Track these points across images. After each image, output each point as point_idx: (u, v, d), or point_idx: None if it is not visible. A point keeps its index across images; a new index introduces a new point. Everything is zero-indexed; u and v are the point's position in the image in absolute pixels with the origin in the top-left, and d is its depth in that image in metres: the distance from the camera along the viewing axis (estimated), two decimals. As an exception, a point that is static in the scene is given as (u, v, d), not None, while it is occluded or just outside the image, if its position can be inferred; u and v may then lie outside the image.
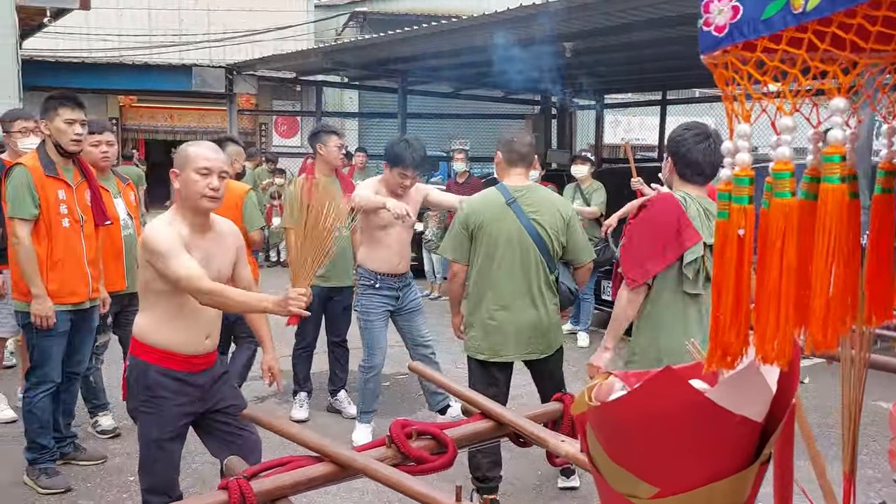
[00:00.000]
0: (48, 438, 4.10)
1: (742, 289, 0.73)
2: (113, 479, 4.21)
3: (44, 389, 4.01)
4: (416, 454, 2.02)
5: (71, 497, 3.98)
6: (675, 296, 2.98)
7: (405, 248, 4.77)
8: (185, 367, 2.93)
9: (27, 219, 3.87)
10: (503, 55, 9.77)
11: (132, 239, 4.73)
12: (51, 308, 3.91)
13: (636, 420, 0.82)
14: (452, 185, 9.27)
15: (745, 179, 0.71)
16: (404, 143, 4.55)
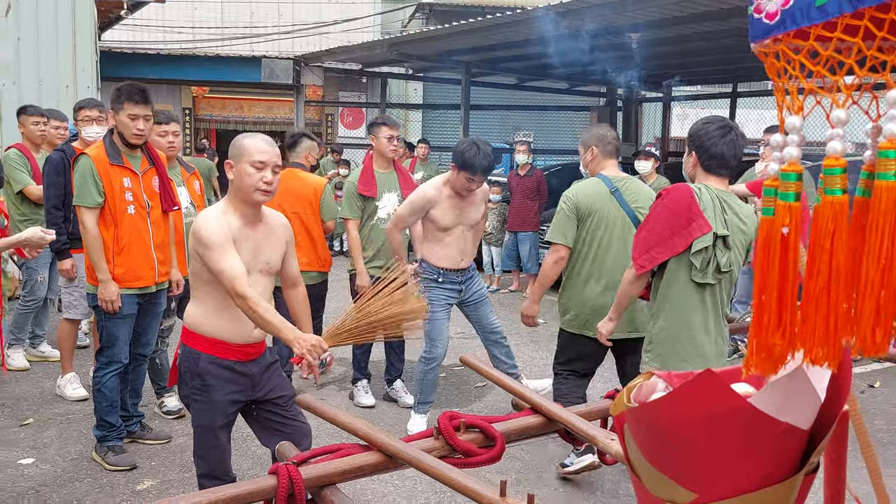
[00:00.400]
0: (116, 417, 4.24)
1: (787, 289, 0.69)
2: (176, 458, 4.33)
3: (112, 370, 4.15)
4: (464, 447, 2.02)
5: (135, 474, 4.10)
6: (686, 284, 3.09)
7: (467, 245, 4.78)
8: (235, 355, 2.97)
9: (92, 206, 3.99)
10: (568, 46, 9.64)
11: (194, 227, 4.84)
12: (115, 292, 4.03)
13: (675, 423, 0.79)
14: (513, 177, 9.20)
15: (793, 175, 0.68)
16: (474, 149, 4.50)
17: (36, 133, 5.77)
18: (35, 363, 5.92)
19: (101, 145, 4.10)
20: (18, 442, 4.48)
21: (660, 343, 3.17)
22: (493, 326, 4.90)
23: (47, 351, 6.05)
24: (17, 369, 5.73)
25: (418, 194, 4.71)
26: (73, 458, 4.29)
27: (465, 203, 4.69)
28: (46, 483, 3.98)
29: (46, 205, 4.91)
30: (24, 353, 5.92)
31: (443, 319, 4.78)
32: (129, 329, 4.20)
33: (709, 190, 3.08)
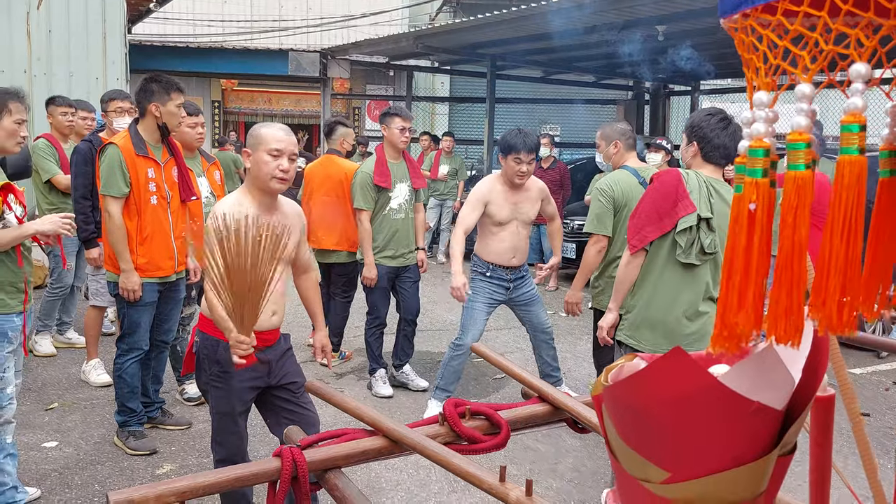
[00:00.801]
0: (137, 402, 4.31)
1: (752, 267, 0.68)
2: (195, 443, 4.39)
3: (133, 356, 4.22)
4: (469, 433, 2.02)
5: (155, 459, 4.18)
6: (669, 263, 3.25)
7: (520, 243, 4.79)
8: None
9: (118, 196, 4.05)
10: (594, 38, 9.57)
11: (216, 216, 4.90)
12: (137, 282, 4.09)
13: (646, 402, 0.78)
14: (536, 170, 9.17)
15: (760, 151, 0.67)
16: (515, 131, 4.63)
17: (64, 123, 5.87)
18: (62, 349, 6.04)
19: (127, 135, 4.15)
20: (43, 425, 4.58)
21: (636, 314, 3.36)
22: (544, 327, 4.93)
23: (74, 337, 6.17)
24: (44, 355, 5.85)
25: (473, 192, 4.74)
26: (96, 441, 4.38)
27: (520, 197, 4.71)
28: (69, 465, 4.06)
29: (74, 194, 4.98)
30: (52, 339, 6.04)
31: (480, 311, 4.80)
32: (150, 317, 4.27)
33: (698, 175, 3.26)
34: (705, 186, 3.24)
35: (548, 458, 4.35)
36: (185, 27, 17.04)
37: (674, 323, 3.27)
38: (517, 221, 4.73)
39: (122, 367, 4.22)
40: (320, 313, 3.32)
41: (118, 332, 4.41)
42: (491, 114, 11.84)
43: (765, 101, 0.67)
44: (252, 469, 1.86)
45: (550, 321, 5.05)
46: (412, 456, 4.00)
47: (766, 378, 0.76)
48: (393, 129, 5.24)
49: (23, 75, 8.78)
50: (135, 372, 4.25)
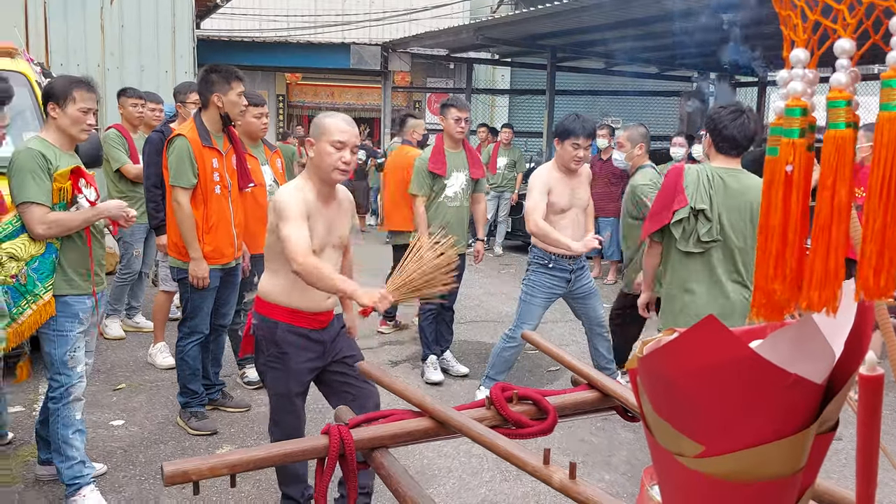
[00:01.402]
0: (198, 384, 4.43)
1: (789, 233, 0.66)
2: (254, 426, 4.49)
3: (194, 339, 4.33)
4: (515, 417, 2.01)
5: (215, 440, 4.28)
6: (675, 251, 3.59)
7: (581, 231, 4.76)
8: (310, 324, 3.07)
9: (187, 187, 4.15)
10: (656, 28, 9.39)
11: (279, 204, 4.99)
12: (207, 269, 4.19)
13: (679, 372, 0.77)
14: (596, 162, 9.06)
15: (797, 110, 0.64)
16: (572, 117, 4.63)
17: (134, 114, 6.05)
18: (130, 333, 6.24)
19: (193, 127, 4.24)
20: (111, 405, 4.75)
21: (664, 302, 3.70)
22: (599, 320, 4.91)
23: (141, 322, 6.37)
24: (113, 338, 6.06)
25: (535, 179, 4.72)
26: (160, 421, 4.51)
27: (575, 182, 4.70)
28: (134, 444, 4.20)
29: (146, 183, 5.11)
30: (121, 323, 6.24)
31: (538, 306, 4.78)
32: (212, 302, 4.37)
33: (702, 169, 3.51)
34: (707, 179, 3.48)
35: (601, 451, 4.30)
36: (251, 22, 17.37)
37: (688, 303, 3.58)
38: (576, 208, 4.71)
39: (184, 350, 4.34)
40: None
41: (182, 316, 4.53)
42: (551, 106, 11.73)
43: (802, 58, 0.65)
44: (301, 445, 1.89)
45: (604, 315, 4.98)
46: (464, 444, 4.04)
47: (805, 349, 0.73)
48: (449, 120, 5.28)
49: (96, 69, 9.09)
50: (196, 355, 4.37)
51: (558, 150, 4.65)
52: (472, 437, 1.87)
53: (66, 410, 3.41)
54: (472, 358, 5.96)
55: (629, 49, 11.74)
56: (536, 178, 4.72)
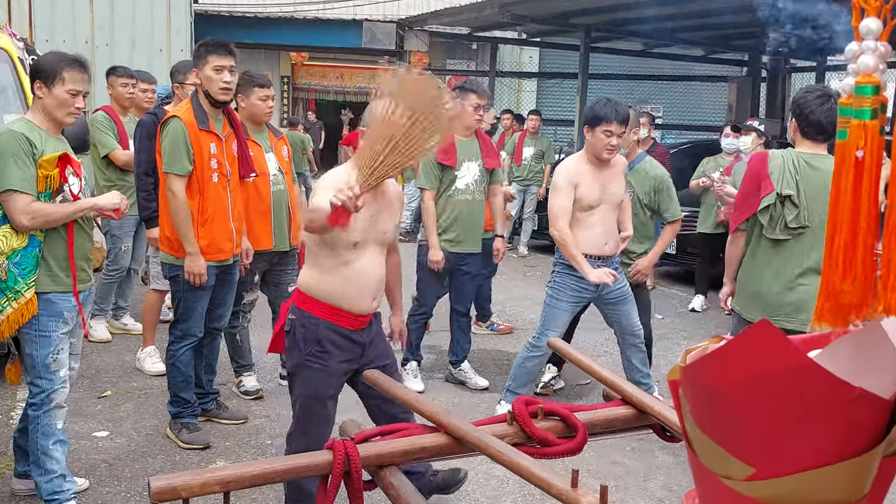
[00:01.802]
0: (190, 392, 4.45)
1: (861, 226, 0.64)
2: (251, 440, 4.50)
3: (186, 343, 4.35)
4: (540, 435, 2.00)
5: (208, 454, 4.30)
6: (761, 240, 3.84)
7: (612, 228, 4.75)
8: (352, 324, 3.18)
9: (182, 174, 4.16)
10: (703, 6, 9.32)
11: (282, 195, 5.00)
12: (204, 265, 4.21)
13: (727, 383, 0.75)
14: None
15: (868, 88, 0.63)
16: (604, 100, 4.63)
17: (124, 95, 6.08)
18: (117, 335, 6.28)
19: (189, 108, 4.25)
20: (95, 414, 4.78)
21: (740, 286, 3.99)
22: (633, 328, 4.89)
23: (129, 323, 6.40)
24: (99, 341, 6.09)
25: (560, 174, 4.69)
26: (148, 433, 4.54)
27: (607, 175, 4.67)
28: (119, 457, 4.22)
29: (137, 170, 5.14)
30: (107, 324, 6.28)
31: (564, 311, 4.77)
32: (206, 302, 4.39)
33: (787, 154, 3.79)
34: (792, 164, 3.74)
35: (636, 474, 4.27)
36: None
37: (770, 295, 3.83)
38: (607, 205, 4.67)
39: (176, 355, 4.36)
40: (399, 295, 3.55)
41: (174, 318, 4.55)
42: (584, 91, 11.69)
43: (873, 29, 0.63)
44: (302, 461, 1.89)
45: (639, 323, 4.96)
46: (482, 464, 4.03)
47: (871, 360, 0.71)
48: (466, 106, 5.22)
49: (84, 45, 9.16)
50: (188, 360, 4.39)
51: (588, 139, 4.63)
52: (491, 456, 1.86)
53: (46, 419, 3.43)
54: (493, 369, 5.95)
55: (671, 29, 11.67)
56: (562, 172, 4.69)
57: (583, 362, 2.41)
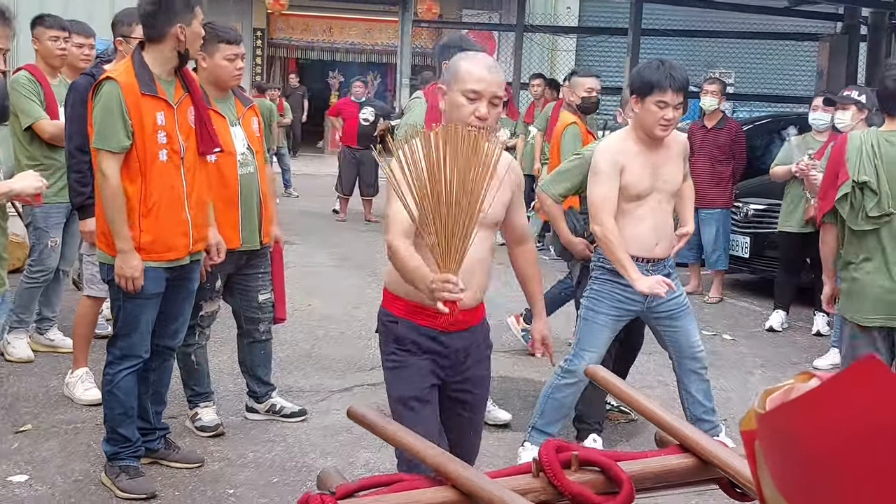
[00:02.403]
0: (132, 429, 4.42)
1: None
2: (208, 489, 4.49)
3: (128, 366, 4.32)
4: (575, 490, 1.96)
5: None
6: (847, 231, 4.34)
7: (665, 223, 4.75)
8: (436, 323, 3.23)
9: (116, 151, 4.14)
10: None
11: (252, 179, 4.99)
12: (139, 267, 4.16)
13: (823, 439, 0.71)
14: (696, 130, 8.99)
15: None
16: (656, 63, 4.64)
17: (54, 51, 6.07)
18: (41, 354, 6.27)
19: (129, 68, 4.22)
20: (11, 454, 4.77)
21: (841, 291, 4.50)
22: (694, 350, 4.89)
23: (57, 339, 6.40)
24: (18, 360, 6.10)
25: (601, 157, 4.65)
26: (77, 478, 4.51)
27: (660, 157, 4.65)
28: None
29: (68, 146, 5.13)
30: (29, 340, 6.28)
31: (605, 326, 4.77)
32: (154, 314, 4.36)
33: (866, 135, 4.31)
34: (871, 146, 4.20)
35: (694, 538, 4.24)
36: (221, -71, 17.49)
37: (876, 290, 4.28)
38: (658, 193, 4.64)
39: (114, 381, 4.33)
40: (539, 295, 3.71)
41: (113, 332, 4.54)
42: (635, 51, 11.67)
43: None
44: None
45: (703, 344, 4.93)
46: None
47: None
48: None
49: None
50: (130, 387, 4.36)
51: (637, 112, 4.60)
52: (511, 519, 1.83)
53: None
54: (516, 401, 5.93)
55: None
56: (604, 153, 4.66)
57: (629, 395, 2.37)
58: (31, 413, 5.32)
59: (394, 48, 17.10)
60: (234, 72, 4.93)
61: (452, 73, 3.33)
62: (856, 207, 4.23)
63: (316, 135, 22.16)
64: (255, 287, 5.17)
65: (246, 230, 4.96)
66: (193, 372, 5.14)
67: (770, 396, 0.85)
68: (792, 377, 0.90)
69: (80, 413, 5.34)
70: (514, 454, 5.01)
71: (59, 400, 5.52)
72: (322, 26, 20.47)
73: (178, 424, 5.14)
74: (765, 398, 0.85)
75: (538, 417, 4.87)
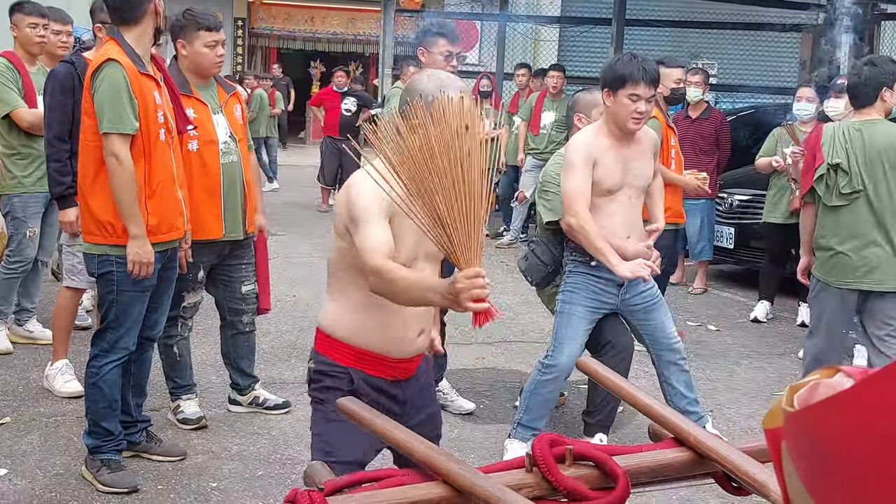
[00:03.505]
0: (115, 422, 4.37)
1: None
2: (191, 482, 4.44)
3: (115, 358, 4.27)
4: (569, 486, 1.94)
5: (135, 499, 4.23)
6: (823, 209, 5.00)
7: (635, 218, 4.77)
8: (388, 372, 3.03)
9: (130, 133, 4.08)
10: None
11: (235, 168, 4.95)
12: (152, 252, 4.13)
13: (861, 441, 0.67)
14: (682, 121, 8.95)
15: None
16: (628, 56, 4.64)
17: (33, 38, 6.01)
18: (20, 346, 6.22)
19: (119, 49, 4.15)
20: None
21: (816, 259, 5.12)
22: (671, 343, 4.90)
23: (36, 330, 6.35)
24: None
25: (574, 149, 4.66)
26: (58, 472, 4.47)
27: (631, 152, 4.67)
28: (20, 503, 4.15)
29: (48, 134, 5.09)
30: (7, 331, 6.22)
31: (581, 318, 4.77)
32: (146, 304, 4.32)
33: (839, 125, 5.09)
34: (843, 134, 4.90)
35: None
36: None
37: (849, 255, 4.89)
38: (629, 188, 4.67)
39: (100, 373, 4.27)
40: None
41: (97, 324, 4.48)
42: (619, 41, 11.66)
43: None
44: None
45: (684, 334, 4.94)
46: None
47: None
48: (436, 55, 5.18)
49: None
50: (115, 380, 4.30)
51: (609, 106, 4.62)
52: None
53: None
54: (503, 393, 5.92)
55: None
56: (576, 148, 4.66)
57: (621, 388, 2.35)
58: (11, 406, 5.27)
59: (376, 38, 17.00)
60: (215, 59, 4.89)
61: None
62: (830, 186, 4.89)
63: (298, 125, 22.07)
64: (239, 278, 5.13)
65: (229, 220, 4.92)
66: (176, 364, 5.09)
67: (797, 393, 0.80)
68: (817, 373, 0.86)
69: (61, 406, 5.29)
70: (500, 446, 4.98)
71: (39, 392, 5.47)
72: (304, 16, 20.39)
73: (161, 417, 5.10)
74: (791, 395, 0.80)
75: (524, 413, 4.86)
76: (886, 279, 4.87)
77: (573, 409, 5.69)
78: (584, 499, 1.92)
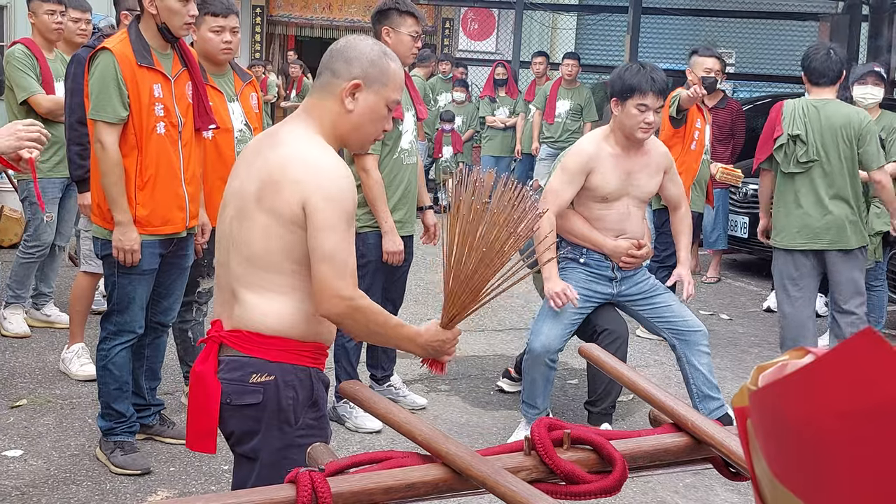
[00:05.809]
0: (127, 404, 4.42)
1: None
2: (202, 464, 4.48)
3: (123, 341, 4.32)
4: (566, 469, 1.95)
5: (148, 482, 4.28)
6: (782, 175, 5.57)
7: (633, 227, 4.77)
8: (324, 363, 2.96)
9: (114, 122, 4.12)
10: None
11: (249, 156, 4.95)
12: (136, 240, 4.15)
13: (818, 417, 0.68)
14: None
15: None
16: (636, 67, 4.64)
17: (50, 25, 6.03)
18: (37, 329, 6.27)
19: (125, 39, 4.20)
20: (7, 428, 4.77)
21: (775, 219, 5.65)
22: (689, 324, 4.83)
23: (53, 315, 6.41)
24: (15, 335, 6.10)
25: (572, 155, 4.68)
26: (73, 453, 4.52)
27: (636, 163, 4.69)
28: (35, 483, 4.20)
29: (69, 119, 5.11)
30: (25, 315, 6.27)
31: (573, 311, 4.73)
32: (149, 289, 4.35)
33: (797, 102, 5.62)
34: (801, 109, 5.47)
35: (690, 518, 4.24)
36: None
37: (802, 218, 5.43)
38: (629, 199, 4.69)
39: (109, 356, 4.32)
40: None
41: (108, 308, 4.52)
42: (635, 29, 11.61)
43: None
44: (256, 497, 1.84)
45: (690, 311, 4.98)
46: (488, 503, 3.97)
47: None
48: (403, 35, 4.86)
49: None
50: (125, 363, 4.35)
51: (617, 115, 4.63)
52: (501, 496, 1.82)
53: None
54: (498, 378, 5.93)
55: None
56: (574, 154, 4.70)
57: (622, 374, 2.36)
58: (27, 388, 5.33)
59: (393, 25, 16.99)
60: (221, 45, 4.81)
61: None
62: (788, 155, 5.46)
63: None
64: (253, 263, 5.14)
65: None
66: (190, 348, 5.12)
67: (763, 373, 0.82)
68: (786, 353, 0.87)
69: (76, 388, 5.34)
70: (508, 433, 5.01)
71: (55, 375, 5.53)
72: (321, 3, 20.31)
73: (174, 401, 5.15)
74: (757, 374, 0.82)
75: (524, 392, 4.96)
76: (839, 239, 5.42)
77: (581, 397, 5.70)
78: (581, 481, 1.93)
